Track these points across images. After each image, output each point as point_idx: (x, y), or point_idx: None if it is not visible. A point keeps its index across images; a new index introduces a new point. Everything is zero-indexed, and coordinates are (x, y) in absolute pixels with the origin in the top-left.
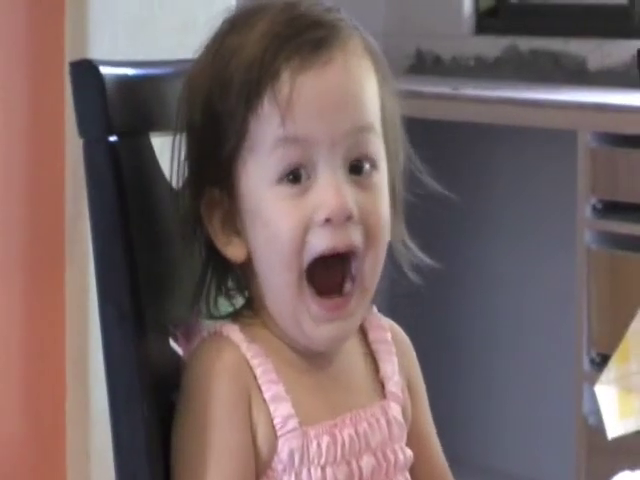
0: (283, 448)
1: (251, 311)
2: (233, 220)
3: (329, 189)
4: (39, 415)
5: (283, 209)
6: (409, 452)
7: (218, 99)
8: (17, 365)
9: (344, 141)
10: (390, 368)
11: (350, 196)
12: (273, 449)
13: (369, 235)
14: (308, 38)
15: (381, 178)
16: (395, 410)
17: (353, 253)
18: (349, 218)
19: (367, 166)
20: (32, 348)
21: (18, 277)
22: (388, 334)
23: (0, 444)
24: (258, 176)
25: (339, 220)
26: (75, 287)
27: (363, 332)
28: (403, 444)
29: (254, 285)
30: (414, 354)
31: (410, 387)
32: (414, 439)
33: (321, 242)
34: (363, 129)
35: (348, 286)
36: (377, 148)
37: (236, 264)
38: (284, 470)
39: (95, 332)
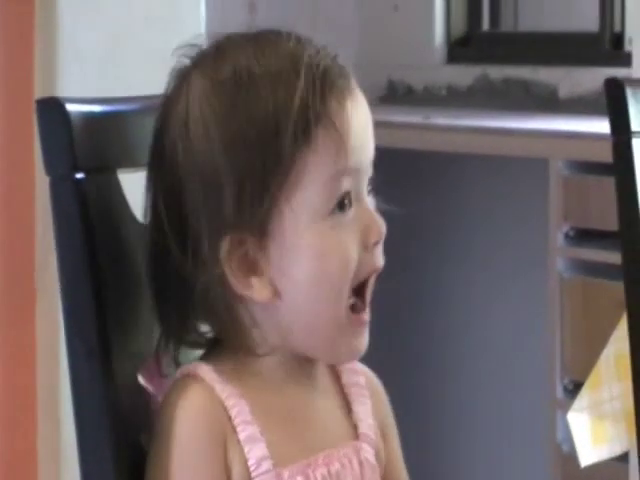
0: None
1: (232, 351)
2: (254, 260)
3: (373, 214)
4: (10, 453)
5: (337, 238)
6: None
7: (256, 140)
8: None
9: (369, 169)
10: (363, 410)
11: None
12: None
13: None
14: (337, 69)
15: None
16: (367, 452)
17: None
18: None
19: (370, 188)
20: (3, 383)
21: None
22: (362, 378)
23: None
24: (307, 212)
25: (382, 241)
26: (46, 322)
27: (336, 375)
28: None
29: (268, 324)
30: (387, 399)
31: (383, 432)
32: None
33: (372, 263)
34: (372, 159)
35: (368, 298)
36: None
37: (241, 306)
38: None
39: (66, 367)
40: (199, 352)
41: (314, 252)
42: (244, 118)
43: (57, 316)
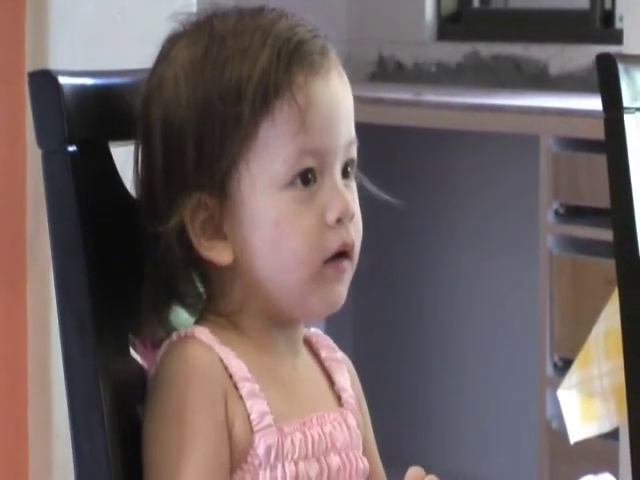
0: (259, 443)
1: (219, 315)
2: (218, 224)
3: (337, 192)
4: (1, 429)
5: (295, 211)
6: (366, 462)
7: (219, 104)
8: None
9: (344, 151)
10: (344, 381)
11: (345, 192)
12: (249, 444)
13: (357, 230)
14: (313, 46)
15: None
16: (352, 420)
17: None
18: (351, 218)
19: (350, 170)
20: None
21: None
22: (338, 353)
23: None
24: (265, 179)
25: (347, 220)
26: (37, 298)
27: (315, 352)
28: (361, 453)
29: (237, 287)
30: (357, 378)
31: (359, 406)
32: (363, 454)
33: (335, 240)
34: (353, 141)
35: (346, 262)
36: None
37: (212, 268)
38: (260, 465)
39: (57, 343)
40: (185, 317)
41: (271, 220)
42: (210, 82)
43: (48, 290)
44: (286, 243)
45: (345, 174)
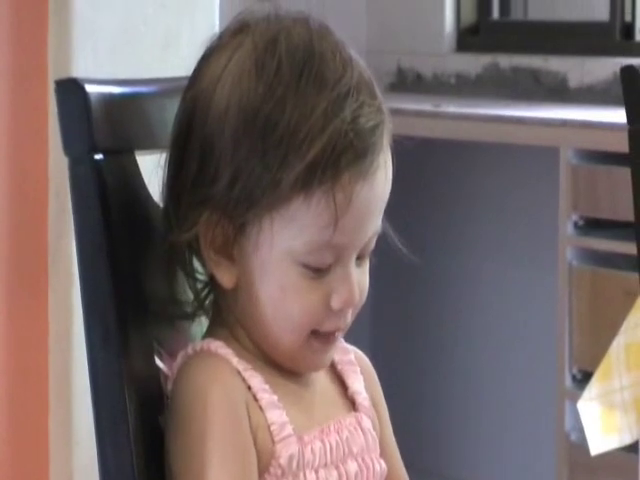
0: (281, 453)
1: (225, 330)
2: (229, 248)
3: (347, 281)
4: (22, 436)
5: (304, 285)
6: (383, 464)
7: (263, 159)
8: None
9: (366, 244)
10: (357, 384)
11: (356, 282)
12: (271, 454)
13: (358, 306)
14: (368, 140)
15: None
16: (367, 422)
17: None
18: (354, 305)
19: (366, 254)
20: (15, 367)
21: (1, 296)
22: (351, 355)
23: None
24: (284, 247)
25: (347, 309)
26: (58, 306)
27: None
28: (378, 455)
29: (239, 312)
30: (375, 375)
31: (374, 406)
32: (380, 455)
33: (329, 325)
34: (377, 233)
35: (337, 335)
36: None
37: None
38: (282, 474)
39: (78, 351)
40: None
41: (278, 283)
42: (259, 134)
43: (70, 300)
44: (287, 307)
45: (360, 257)
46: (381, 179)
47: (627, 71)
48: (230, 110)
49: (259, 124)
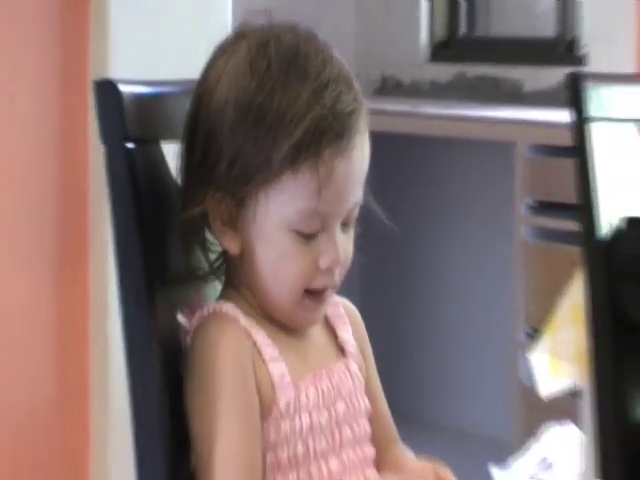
0: (280, 400)
1: (235, 291)
2: (234, 221)
3: (332, 244)
4: (66, 383)
5: (296, 250)
6: (368, 402)
7: (256, 142)
8: (48, 341)
9: (348, 212)
10: (346, 334)
11: (341, 245)
12: (272, 400)
13: (344, 266)
14: (346, 123)
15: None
16: (354, 367)
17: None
18: (341, 265)
19: (349, 222)
20: (60, 326)
21: (48, 265)
22: (341, 308)
23: (32, 410)
24: (278, 216)
25: (335, 268)
26: (97, 273)
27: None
28: (363, 395)
29: (244, 275)
30: (363, 325)
31: (362, 352)
32: (366, 397)
33: (319, 282)
34: (358, 203)
35: (328, 293)
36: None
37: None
38: (280, 416)
39: (114, 312)
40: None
41: (274, 250)
42: (253, 121)
43: (106, 269)
44: (283, 270)
45: (344, 223)
46: (358, 157)
47: (571, 77)
48: (228, 104)
49: (252, 114)
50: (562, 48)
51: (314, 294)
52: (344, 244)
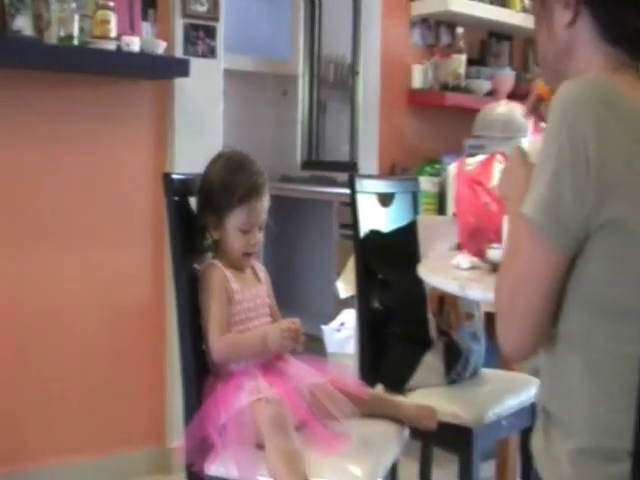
0: (235, 296)
1: (218, 255)
2: (217, 226)
3: (254, 236)
4: (155, 293)
5: (240, 238)
6: (268, 300)
7: (227, 195)
8: (150, 276)
9: (261, 223)
10: (262, 274)
11: (258, 236)
12: (232, 297)
13: (259, 245)
14: (259, 186)
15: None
16: (265, 287)
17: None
18: (257, 244)
19: (262, 226)
20: (155, 277)
21: (148, 246)
22: (258, 265)
23: (136, 304)
24: (233, 226)
25: (254, 246)
26: (167, 250)
27: (254, 269)
28: (267, 297)
29: (221, 249)
30: (267, 273)
31: (266, 284)
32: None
33: (249, 249)
34: (265, 218)
35: (253, 254)
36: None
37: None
38: (235, 303)
39: (169, 271)
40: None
41: (232, 237)
42: (225, 187)
43: (165, 252)
44: (233, 244)
45: (259, 227)
46: (265, 201)
47: (351, 177)
48: (214, 181)
49: (224, 184)
50: (355, 167)
51: (247, 255)
52: (259, 236)
